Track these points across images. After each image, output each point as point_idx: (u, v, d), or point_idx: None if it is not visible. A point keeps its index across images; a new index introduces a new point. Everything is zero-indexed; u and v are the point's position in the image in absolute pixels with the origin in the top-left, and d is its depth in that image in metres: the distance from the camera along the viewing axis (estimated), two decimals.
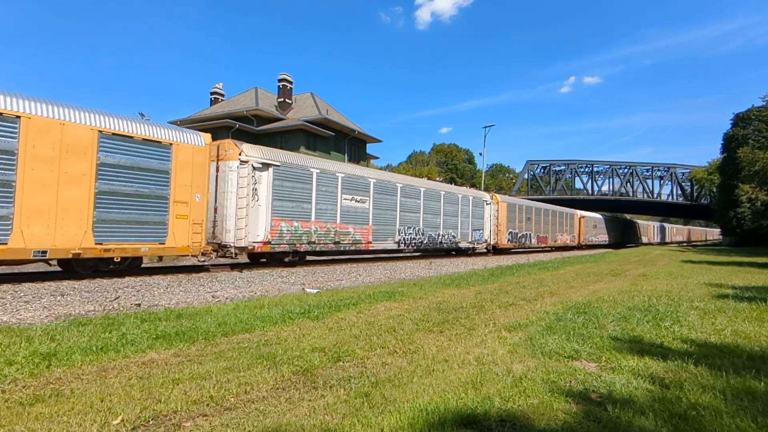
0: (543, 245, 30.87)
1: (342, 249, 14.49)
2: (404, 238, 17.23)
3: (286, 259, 13.26)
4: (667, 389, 3.24)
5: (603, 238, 42.83)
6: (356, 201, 14.82)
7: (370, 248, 15.58)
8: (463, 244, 21.15)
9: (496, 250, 25.42)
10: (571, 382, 3.36)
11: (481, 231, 22.77)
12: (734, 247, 44.43)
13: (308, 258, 15.59)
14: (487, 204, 23.77)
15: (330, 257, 17.56)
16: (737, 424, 2.66)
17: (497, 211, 24.54)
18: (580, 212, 37.53)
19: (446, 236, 19.74)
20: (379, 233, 15.91)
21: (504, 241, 24.85)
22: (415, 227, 17.79)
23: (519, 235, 26.72)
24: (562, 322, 5.53)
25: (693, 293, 8.59)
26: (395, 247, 16.80)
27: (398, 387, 3.20)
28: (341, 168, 14.84)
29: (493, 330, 5.11)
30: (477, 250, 23.26)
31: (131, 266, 9.93)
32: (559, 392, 3.12)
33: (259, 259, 13.48)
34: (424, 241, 18.32)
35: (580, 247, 37.45)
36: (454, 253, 22.20)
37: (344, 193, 14.41)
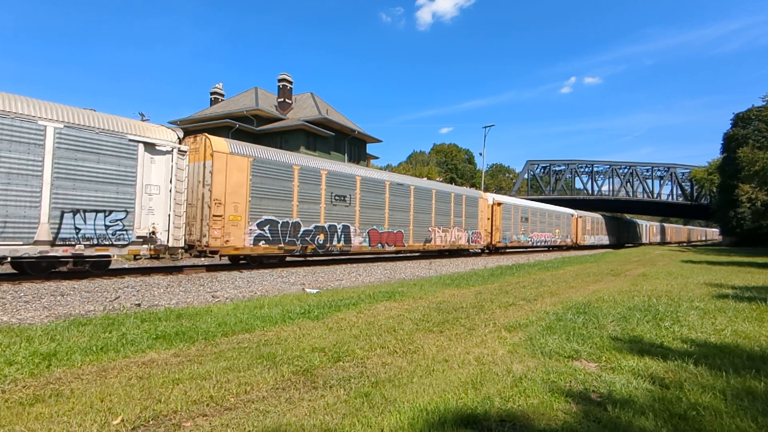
0: (393, 247, 16.46)
1: None
2: None
3: None
4: (667, 389, 3.24)
5: (545, 237, 29.26)
6: None
7: None
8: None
9: (208, 260, 12.86)
10: (571, 382, 3.36)
11: (123, 215, 9.18)
12: (734, 247, 44.47)
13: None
14: (155, 152, 9.67)
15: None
16: (737, 424, 2.66)
17: (211, 173, 10.78)
18: (492, 196, 23.88)
19: None
20: None
21: (242, 241, 11.38)
22: None
23: (302, 232, 12.88)
24: (562, 322, 5.53)
25: (693, 293, 8.59)
26: None
27: (398, 387, 3.20)
28: None
29: (493, 330, 5.11)
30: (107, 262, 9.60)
31: None
32: (559, 392, 3.12)
33: None
34: None
35: (494, 250, 23.82)
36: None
37: None
